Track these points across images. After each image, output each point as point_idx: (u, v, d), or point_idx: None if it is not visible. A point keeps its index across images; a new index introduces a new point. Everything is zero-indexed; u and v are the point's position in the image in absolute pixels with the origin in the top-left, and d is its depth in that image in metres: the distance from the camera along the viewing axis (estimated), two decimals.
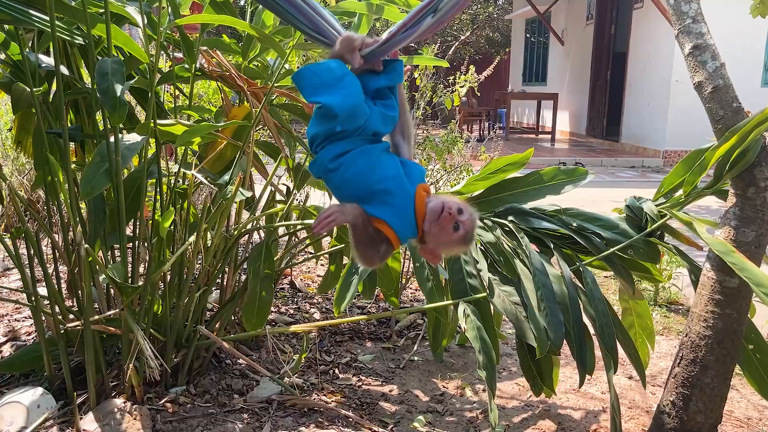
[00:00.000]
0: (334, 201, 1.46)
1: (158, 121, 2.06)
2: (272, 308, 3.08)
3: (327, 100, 1.30)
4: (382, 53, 1.39)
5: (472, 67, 3.16)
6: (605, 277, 3.91)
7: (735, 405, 2.33)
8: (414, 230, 1.37)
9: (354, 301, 3.26)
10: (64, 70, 2.07)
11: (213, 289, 2.84)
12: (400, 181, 1.36)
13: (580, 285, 1.93)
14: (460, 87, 3.09)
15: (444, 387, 2.42)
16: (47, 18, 1.78)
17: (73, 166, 2.20)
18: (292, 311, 3.10)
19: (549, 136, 12.54)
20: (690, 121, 8.69)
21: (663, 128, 9.87)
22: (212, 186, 2.14)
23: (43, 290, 2.21)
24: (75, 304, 2.33)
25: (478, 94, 3.45)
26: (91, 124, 2.26)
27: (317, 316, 3.09)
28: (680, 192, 1.85)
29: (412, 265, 2.59)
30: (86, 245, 1.88)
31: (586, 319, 1.86)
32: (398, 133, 1.46)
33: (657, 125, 10.09)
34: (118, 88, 1.79)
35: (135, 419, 1.93)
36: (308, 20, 1.42)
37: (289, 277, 3.53)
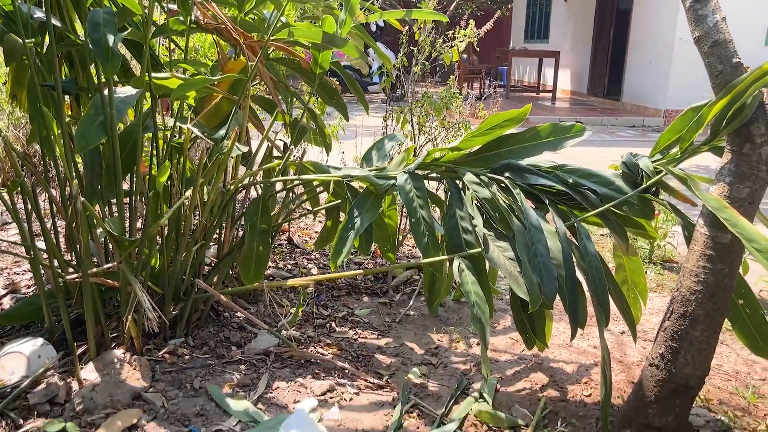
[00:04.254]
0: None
1: (153, 75, 2.04)
2: (270, 264, 3.10)
3: None
4: None
5: (471, 21, 3.11)
6: (601, 235, 3.94)
7: (724, 359, 2.37)
8: None
9: (351, 257, 3.29)
10: (56, 21, 2.04)
11: (211, 245, 2.86)
12: None
13: (575, 241, 1.95)
14: (460, 42, 3.05)
15: (439, 341, 2.46)
16: None
17: (68, 119, 2.19)
18: (289, 267, 3.13)
19: (550, 94, 12.43)
20: (692, 80, 8.61)
21: (665, 87, 9.78)
22: (208, 140, 2.13)
23: (41, 245, 2.23)
24: (73, 258, 2.35)
25: (478, 49, 3.40)
26: (86, 77, 2.24)
27: (315, 271, 3.12)
28: (677, 148, 1.85)
29: (408, 222, 2.60)
30: (83, 199, 1.88)
31: (579, 275, 1.88)
32: None
33: (659, 84, 10.00)
34: (111, 38, 1.77)
35: (135, 369, 1.97)
36: None
37: (287, 234, 3.55)
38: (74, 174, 2.13)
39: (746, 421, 1.95)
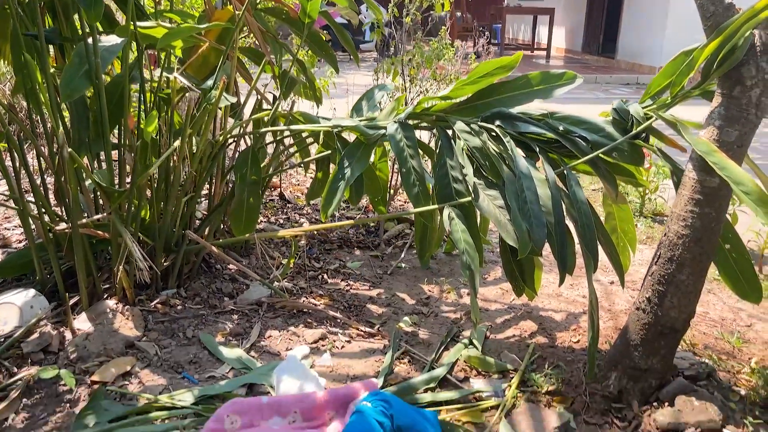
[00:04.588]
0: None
1: (139, 24, 2.01)
2: (262, 218, 3.11)
3: None
4: None
5: None
6: (593, 190, 3.95)
7: (711, 307, 2.40)
8: None
9: (343, 212, 3.29)
10: None
11: (202, 199, 2.86)
12: None
13: (564, 188, 1.95)
14: None
15: (429, 291, 2.48)
16: None
17: (53, 71, 2.15)
18: (281, 221, 3.13)
19: (544, 52, 12.30)
20: (688, 37, 8.51)
21: (660, 44, 9.69)
22: (196, 90, 2.11)
23: (31, 200, 2.22)
24: (63, 211, 2.34)
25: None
26: (69, 27, 2.20)
27: (306, 225, 3.12)
28: (668, 94, 1.84)
29: (399, 176, 2.59)
30: (70, 149, 1.86)
31: (569, 223, 1.89)
32: None
33: (654, 41, 9.90)
34: None
35: (127, 319, 1.98)
36: None
37: (279, 189, 3.54)
38: (60, 125, 2.10)
39: (730, 364, 1.99)
